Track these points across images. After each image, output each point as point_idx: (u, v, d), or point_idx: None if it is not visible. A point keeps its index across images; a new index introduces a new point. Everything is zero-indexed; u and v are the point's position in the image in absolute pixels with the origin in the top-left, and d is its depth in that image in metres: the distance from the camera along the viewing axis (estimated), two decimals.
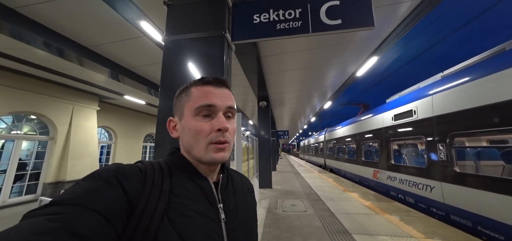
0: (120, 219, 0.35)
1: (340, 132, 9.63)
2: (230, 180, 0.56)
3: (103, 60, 3.86)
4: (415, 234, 2.84)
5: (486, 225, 2.77)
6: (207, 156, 0.47)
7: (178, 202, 0.43)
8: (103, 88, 6.13)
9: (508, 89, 2.57)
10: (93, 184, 0.36)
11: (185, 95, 0.51)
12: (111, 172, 0.38)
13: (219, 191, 0.50)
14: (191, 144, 0.48)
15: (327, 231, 3.02)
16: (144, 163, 0.47)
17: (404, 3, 2.65)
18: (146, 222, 0.38)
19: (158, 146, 1.44)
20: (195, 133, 0.47)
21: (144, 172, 0.43)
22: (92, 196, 0.34)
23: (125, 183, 0.38)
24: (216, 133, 0.47)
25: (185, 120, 0.49)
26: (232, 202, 0.52)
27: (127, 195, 0.38)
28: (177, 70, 1.53)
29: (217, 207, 0.48)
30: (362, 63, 4.43)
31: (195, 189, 0.46)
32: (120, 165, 0.42)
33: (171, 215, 0.40)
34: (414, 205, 4.21)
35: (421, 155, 4.28)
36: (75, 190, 0.34)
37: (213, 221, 0.45)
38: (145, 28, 2.75)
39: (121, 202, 0.36)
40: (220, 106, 0.48)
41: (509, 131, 2.58)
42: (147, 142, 11.29)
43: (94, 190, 0.35)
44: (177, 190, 0.44)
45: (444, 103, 3.50)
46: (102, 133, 8.77)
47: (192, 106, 0.48)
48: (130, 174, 0.40)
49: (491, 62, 2.90)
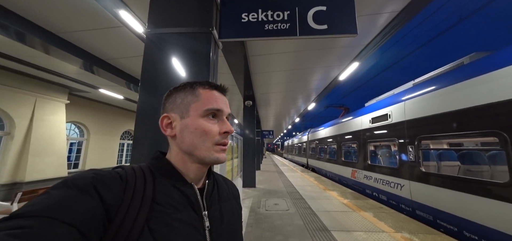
0: (96, 231, 0.33)
1: (322, 133, 10.03)
2: (215, 186, 0.56)
3: (74, 49, 3.49)
4: (386, 229, 3.07)
5: (443, 218, 3.12)
6: (212, 156, 0.48)
7: (161, 211, 0.41)
8: (73, 80, 5.57)
9: (462, 100, 2.91)
10: (65, 193, 0.33)
11: (191, 95, 0.51)
12: (87, 179, 0.36)
13: (204, 198, 0.50)
14: (195, 143, 0.48)
15: (307, 229, 3.12)
16: (124, 169, 0.44)
17: (383, 14, 2.84)
18: (125, 233, 0.36)
19: (136, 145, 1.35)
20: (203, 132, 0.48)
21: (125, 179, 0.41)
22: (64, 206, 0.31)
23: (103, 191, 0.36)
24: (222, 135, 0.50)
25: (191, 119, 0.49)
26: (217, 209, 0.51)
27: (104, 204, 0.36)
28: (160, 65, 1.44)
29: (202, 215, 0.47)
30: (345, 68, 4.66)
31: (179, 197, 0.45)
32: (98, 171, 0.39)
33: (153, 225, 0.39)
34: (386, 202, 4.56)
35: (393, 155, 4.65)
36: (43, 201, 0.31)
37: (197, 230, 0.44)
38: (124, 18, 2.55)
39: (98, 212, 0.34)
40: (225, 111, 0.52)
41: (463, 135, 2.93)
42: (125, 139, 10.57)
43: (66, 199, 0.32)
44: (160, 198, 0.43)
45: (414, 109, 3.85)
46: (72, 129, 7.99)
47: (202, 108, 0.49)
48: (109, 182, 0.38)
49: (451, 75, 3.26)
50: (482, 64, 2.80)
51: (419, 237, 2.80)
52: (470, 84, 2.84)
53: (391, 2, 2.61)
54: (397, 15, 2.83)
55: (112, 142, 9.41)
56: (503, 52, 2.62)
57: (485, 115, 2.62)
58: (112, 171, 0.42)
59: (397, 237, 2.79)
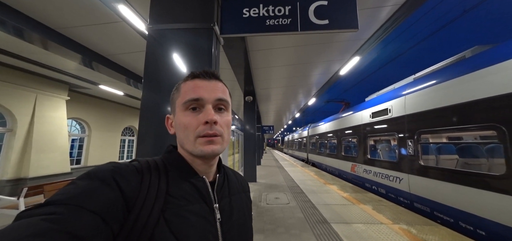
0: (117, 219, 0.35)
1: (322, 128, 10.06)
2: (226, 179, 0.56)
3: (73, 45, 3.47)
4: (384, 221, 3.14)
5: (440, 210, 3.19)
6: (196, 150, 0.47)
7: (174, 202, 0.43)
8: (73, 76, 5.56)
9: (462, 94, 2.92)
10: (89, 183, 0.35)
11: (177, 91, 0.52)
12: (107, 171, 0.38)
13: (215, 191, 0.51)
14: (182, 139, 0.49)
15: (308, 221, 3.19)
16: (140, 162, 0.46)
17: (385, 7, 2.81)
18: (142, 223, 0.38)
19: (141, 141, 1.37)
20: (184, 127, 0.47)
21: (141, 172, 0.43)
22: (88, 195, 0.33)
23: (122, 183, 0.38)
24: (204, 126, 0.46)
25: (177, 116, 0.50)
26: (227, 202, 0.52)
27: (124, 195, 0.38)
28: (162, 61, 1.45)
29: (213, 208, 0.48)
30: (346, 62, 4.64)
31: (191, 189, 0.47)
32: (116, 164, 0.41)
33: (167, 216, 0.41)
34: (385, 195, 4.63)
35: (393, 150, 4.69)
36: (70, 190, 0.34)
37: (208, 221, 0.45)
38: (124, 13, 2.53)
39: (118, 202, 0.36)
40: (207, 99, 0.48)
41: (462, 129, 2.95)
42: (126, 135, 10.62)
43: (90, 189, 0.34)
44: (173, 190, 0.44)
45: (414, 103, 3.85)
46: (73, 125, 8.02)
47: (181, 101, 0.49)
48: (127, 174, 0.40)
49: (452, 69, 3.25)
50: (484, 58, 2.80)
51: (417, 228, 2.86)
52: (472, 78, 2.84)
53: None
54: (399, 8, 2.80)
55: (114, 138, 9.47)
56: (506, 46, 2.61)
57: (485, 109, 2.63)
58: (129, 164, 0.44)
59: (395, 228, 2.86)
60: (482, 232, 2.61)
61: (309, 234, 2.76)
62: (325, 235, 2.72)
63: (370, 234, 2.70)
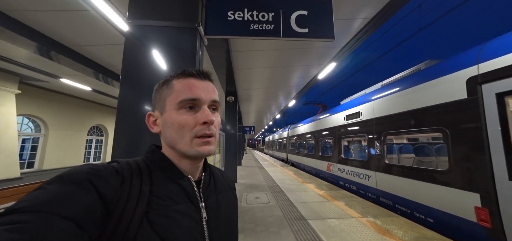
0: (95, 225, 0.33)
1: (301, 129, 10.51)
2: (212, 178, 0.56)
3: (26, 30, 2.99)
4: (355, 215, 3.44)
5: (400, 202, 3.63)
6: (192, 150, 0.46)
7: (159, 203, 0.42)
8: (26, 66, 4.82)
9: (417, 101, 3.38)
10: (61, 187, 0.32)
11: (167, 88, 0.49)
12: (83, 174, 0.35)
13: (202, 190, 0.50)
14: (175, 139, 0.46)
15: (286, 219, 3.32)
16: (120, 163, 0.44)
17: (357, 20, 3.10)
18: (124, 226, 0.36)
19: (118, 141, 1.28)
20: (179, 127, 0.45)
21: (121, 173, 0.41)
22: (61, 201, 0.31)
23: (100, 185, 0.36)
24: (202, 126, 0.46)
25: (168, 114, 0.47)
26: (213, 200, 0.52)
27: (102, 199, 0.36)
28: (142, 59, 1.38)
29: (199, 206, 0.48)
30: (323, 67, 4.95)
31: (176, 189, 0.45)
32: (93, 166, 0.39)
33: (151, 217, 0.39)
34: (356, 191, 5.06)
35: (363, 150, 5.15)
36: (38, 195, 0.30)
37: (195, 221, 0.45)
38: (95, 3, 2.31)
39: (96, 206, 0.34)
40: (204, 99, 0.47)
41: (417, 131, 3.41)
42: (93, 135, 9.59)
43: (63, 194, 0.32)
44: (157, 190, 0.43)
45: (381, 107, 4.31)
46: (25, 123, 6.95)
47: (175, 100, 0.46)
48: (105, 176, 0.38)
49: (410, 78, 3.74)
50: (433, 70, 3.28)
51: (381, 220, 3.21)
52: (423, 88, 3.31)
53: (364, 9, 2.86)
54: (369, 21, 3.12)
55: (78, 138, 8.47)
56: (450, 61, 3.10)
57: (434, 114, 3.09)
58: (108, 165, 0.41)
59: (363, 221, 3.16)
60: (431, 220, 3.05)
61: (287, 231, 2.87)
62: (302, 231, 2.87)
63: (342, 228, 2.94)
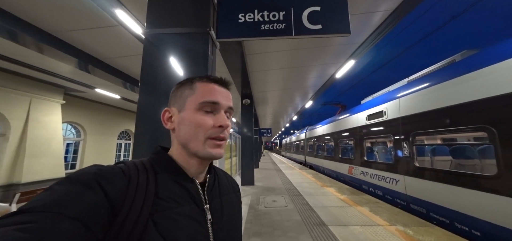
0: (101, 225, 0.34)
1: (319, 130, 10.13)
2: (216, 180, 0.56)
3: (69, 49, 3.45)
4: (381, 222, 3.16)
5: (436, 211, 3.22)
6: (204, 151, 0.47)
7: (164, 205, 0.42)
8: (69, 79, 5.52)
9: (455, 96, 2.99)
10: (69, 188, 0.33)
11: (189, 88, 0.51)
12: (90, 174, 0.36)
13: (206, 192, 0.51)
14: (190, 136, 0.48)
15: (305, 224, 3.19)
16: (126, 164, 0.45)
17: (377, 13, 2.89)
18: (130, 227, 0.37)
19: (137, 144, 1.37)
20: (197, 125, 0.47)
21: (128, 174, 0.42)
22: (68, 201, 0.32)
23: (106, 186, 0.37)
24: (217, 128, 0.48)
25: (187, 113, 0.49)
26: (218, 202, 0.52)
27: (109, 199, 0.36)
28: (159, 65, 1.47)
29: (204, 208, 0.48)
30: (341, 65, 4.72)
31: (180, 191, 0.46)
32: (101, 166, 0.40)
33: (156, 219, 0.40)
34: (382, 197, 4.66)
35: (389, 152, 4.75)
36: (47, 196, 0.31)
37: (199, 223, 0.45)
38: (121, 17, 2.55)
39: (103, 207, 0.35)
40: (222, 105, 0.50)
41: (456, 131, 3.01)
42: (122, 139, 10.52)
43: (70, 194, 0.32)
44: (162, 192, 0.44)
45: (408, 105, 3.93)
46: (69, 129, 7.92)
47: (197, 101, 0.49)
48: (112, 176, 0.39)
49: (443, 72, 3.34)
50: (473, 60, 2.88)
51: (413, 229, 2.89)
52: (461, 81, 2.92)
53: (384, 1, 2.66)
54: (391, 14, 2.88)
55: (109, 142, 9.36)
56: (491, 50, 2.70)
57: (475, 111, 2.70)
58: (115, 166, 0.42)
59: (392, 230, 2.88)
60: (477, 233, 2.64)
61: (306, 237, 2.76)
62: (322, 237, 2.73)
63: (367, 236, 2.72)
